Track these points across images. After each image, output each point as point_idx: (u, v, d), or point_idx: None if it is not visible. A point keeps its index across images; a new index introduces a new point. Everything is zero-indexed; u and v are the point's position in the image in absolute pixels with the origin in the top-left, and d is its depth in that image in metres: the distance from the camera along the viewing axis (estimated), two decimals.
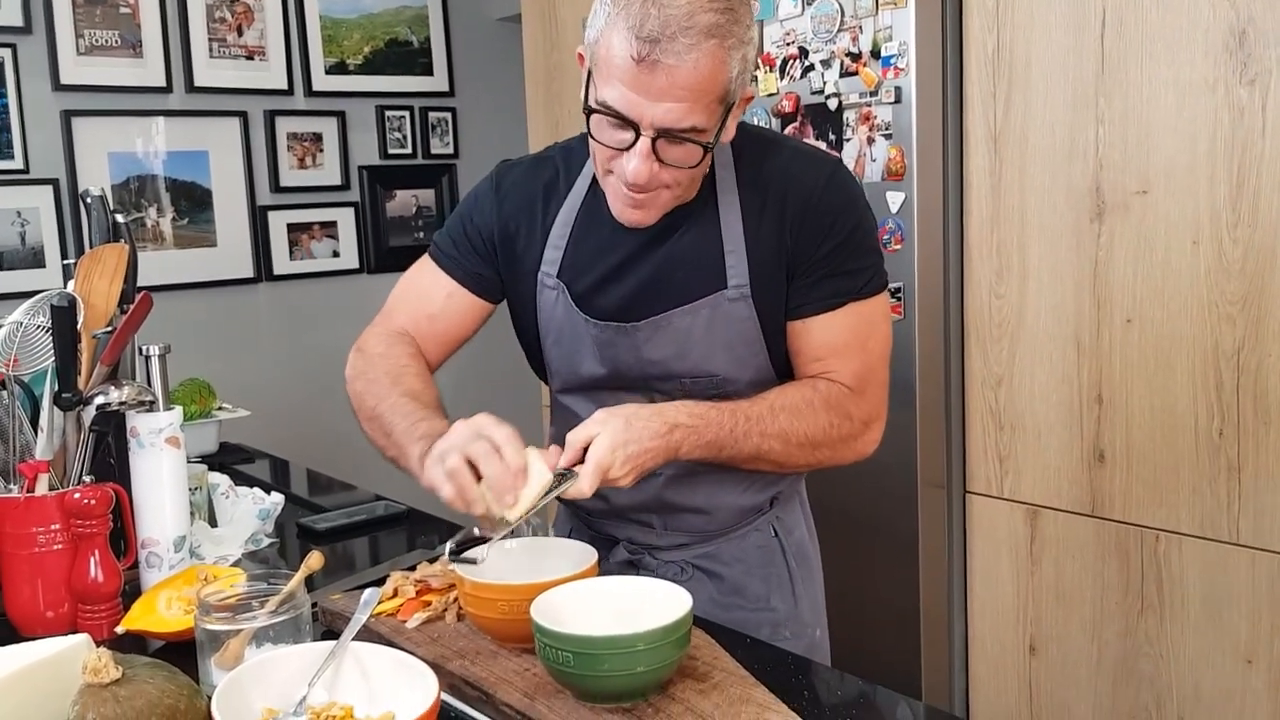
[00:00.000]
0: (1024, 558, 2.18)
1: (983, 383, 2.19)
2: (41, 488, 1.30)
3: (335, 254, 3.63)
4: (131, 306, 1.39)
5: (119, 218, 1.51)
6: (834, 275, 1.31)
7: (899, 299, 2.15)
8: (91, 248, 1.47)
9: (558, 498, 1.17)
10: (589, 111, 1.20)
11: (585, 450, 1.17)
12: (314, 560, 1.21)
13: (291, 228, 3.53)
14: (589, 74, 1.22)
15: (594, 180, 1.38)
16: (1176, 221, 1.88)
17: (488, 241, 1.43)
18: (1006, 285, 2.13)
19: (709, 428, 1.24)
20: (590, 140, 1.25)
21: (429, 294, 1.46)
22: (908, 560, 2.23)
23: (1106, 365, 2.00)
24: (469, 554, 1.16)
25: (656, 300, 1.33)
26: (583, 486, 1.15)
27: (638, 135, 1.17)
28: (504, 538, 1.18)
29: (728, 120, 1.23)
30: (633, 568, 1.44)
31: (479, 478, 1.13)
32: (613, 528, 1.47)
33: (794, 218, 1.30)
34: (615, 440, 1.16)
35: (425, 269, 1.48)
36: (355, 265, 3.67)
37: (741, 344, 1.33)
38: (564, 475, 1.17)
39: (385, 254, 3.71)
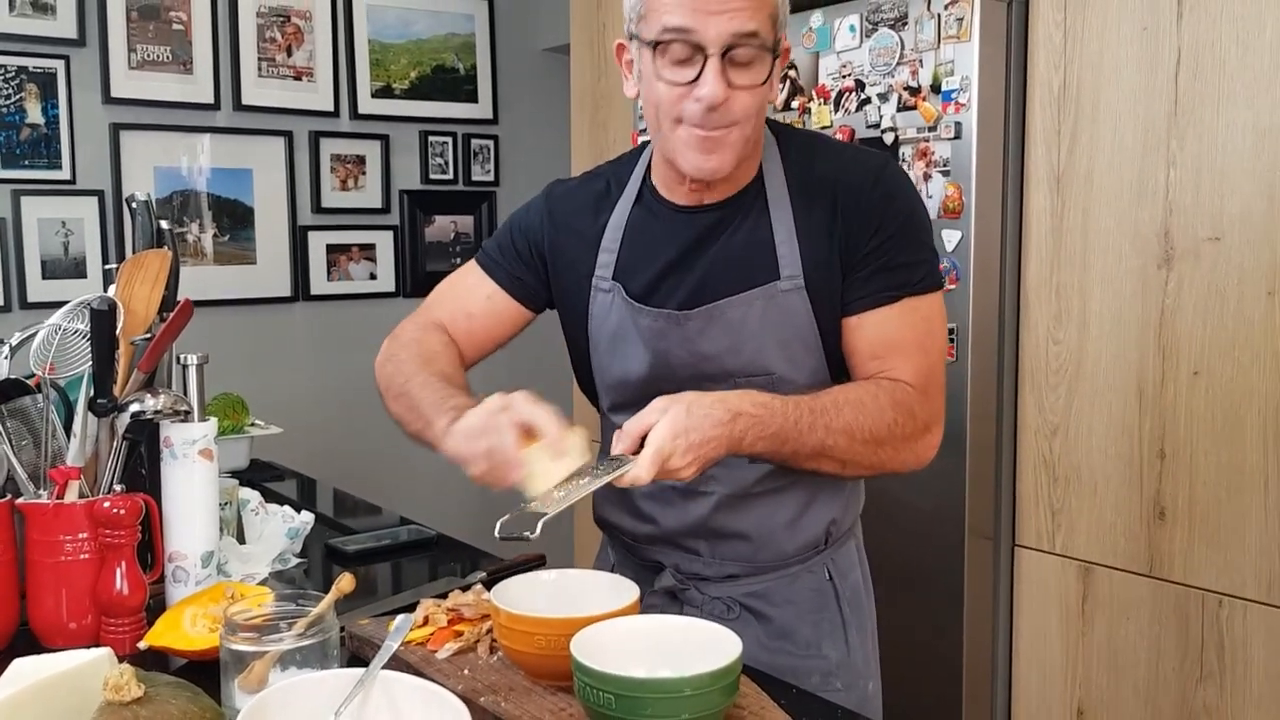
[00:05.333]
0: (1075, 617, 2.09)
1: (1036, 431, 2.12)
2: (71, 495, 1.28)
3: (372, 276, 3.62)
4: (171, 314, 1.37)
5: (163, 224, 1.49)
6: (888, 269, 1.28)
7: (951, 340, 2.09)
8: (134, 253, 1.45)
9: (611, 485, 1.10)
10: (654, 45, 1.21)
11: (642, 440, 1.11)
12: (345, 583, 1.17)
13: (330, 249, 3.53)
14: (635, 39, 1.24)
15: (644, 182, 1.38)
16: (1250, 271, 1.82)
17: (535, 250, 1.44)
18: (1065, 331, 2.06)
19: (774, 418, 1.18)
20: (657, 88, 1.23)
21: (470, 294, 1.47)
22: (952, 615, 2.15)
23: (1170, 418, 1.93)
24: (520, 529, 1.08)
25: (710, 293, 1.30)
26: (640, 473, 1.09)
27: (705, 60, 1.18)
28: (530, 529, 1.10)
29: (774, 67, 1.24)
30: (676, 602, 1.39)
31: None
32: (659, 554, 1.41)
33: (844, 211, 1.28)
34: (676, 427, 1.10)
35: (470, 271, 1.50)
36: (392, 289, 3.66)
37: (796, 340, 1.30)
38: (619, 462, 1.10)
39: (422, 278, 3.69)
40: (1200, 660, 1.92)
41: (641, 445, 1.11)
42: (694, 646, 1.02)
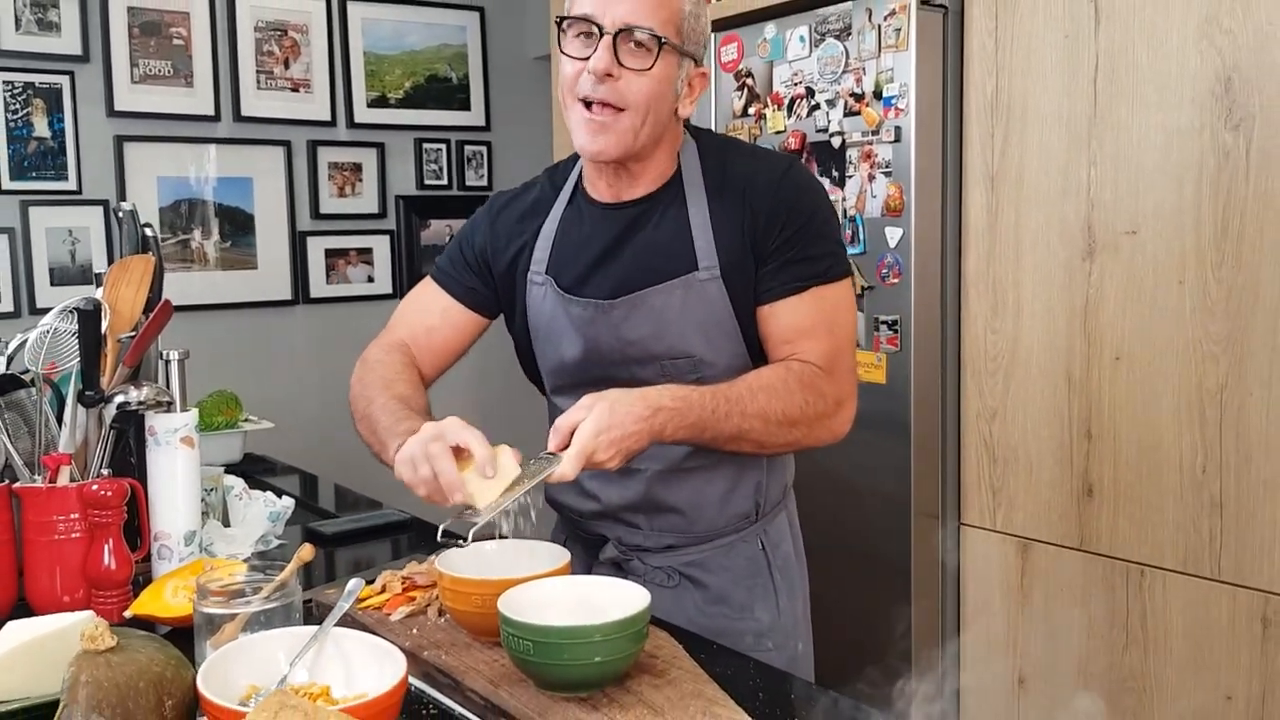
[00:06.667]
0: (1015, 590, 2.20)
1: (977, 415, 2.23)
2: (63, 479, 1.38)
3: (370, 279, 3.73)
4: (153, 313, 1.49)
5: (147, 231, 1.61)
6: (796, 261, 1.39)
7: (895, 331, 2.20)
8: (121, 258, 1.57)
9: (544, 482, 1.21)
10: (560, 23, 1.36)
11: (572, 434, 1.22)
12: (305, 552, 1.27)
13: (329, 253, 3.64)
14: (561, 23, 1.39)
15: (576, 185, 1.50)
16: (1164, 261, 1.93)
17: (481, 260, 1.55)
18: (1001, 320, 2.17)
19: (691, 410, 1.29)
20: (563, 64, 1.37)
21: (428, 309, 1.59)
22: (900, 590, 2.25)
23: (1096, 401, 2.04)
24: (459, 531, 1.21)
25: (634, 283, 1.42)
26: (566, 470, 1.20)
27: (601, 37, 1.32)
28: (494, 535, 1.25)
29: (681, 76, 1.37)
30: (621, 572, 1.49)
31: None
32: (603, 528, 1.53)
33: (755, 208, 1.39)
34: (599, 425, 1.21)
35: (426, 288, 1.61)
36: (389, 291, 3.76)
37: (715, 325, 1.41)
38: (550, 459, 1.22)
39: (418, 280, 3.77)
40: (1126, 627, 2.02)
41: (570, 441, 1.23)
42: (611, 601, 1.14)
